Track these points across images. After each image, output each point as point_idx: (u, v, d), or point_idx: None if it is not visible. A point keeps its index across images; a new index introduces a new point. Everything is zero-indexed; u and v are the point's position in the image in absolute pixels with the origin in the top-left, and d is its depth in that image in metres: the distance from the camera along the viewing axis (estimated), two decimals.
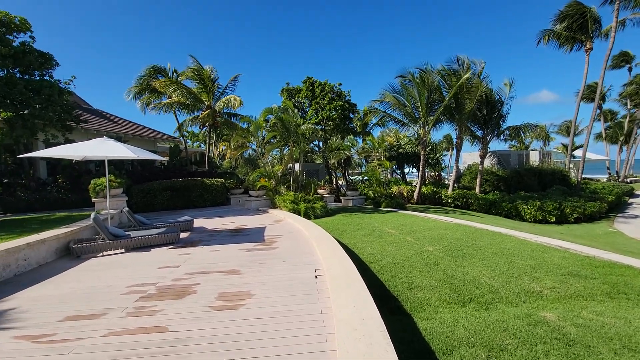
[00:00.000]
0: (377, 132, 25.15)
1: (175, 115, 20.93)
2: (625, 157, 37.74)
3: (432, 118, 16.25)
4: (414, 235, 8.21)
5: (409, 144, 23.14)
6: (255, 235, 8.00)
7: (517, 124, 21.56)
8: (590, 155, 41.16)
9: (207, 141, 20.38)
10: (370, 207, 15.13)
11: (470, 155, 27.77)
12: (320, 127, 18.28)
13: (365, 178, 20.10)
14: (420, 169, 17.35)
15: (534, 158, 28.52)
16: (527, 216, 18.09)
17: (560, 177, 24.81)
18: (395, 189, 18.55)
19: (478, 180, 20.59)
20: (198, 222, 10.22)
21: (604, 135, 45.59)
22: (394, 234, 8.52)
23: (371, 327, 2.77)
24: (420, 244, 7.37)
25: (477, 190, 20.57)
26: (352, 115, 18.91)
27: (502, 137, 21.91)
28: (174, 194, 14.45)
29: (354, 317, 2.97)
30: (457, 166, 19.94)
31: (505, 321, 3.67)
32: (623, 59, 37.64)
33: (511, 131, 21.75)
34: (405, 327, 3.70)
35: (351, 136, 20.68)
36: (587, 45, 23.66)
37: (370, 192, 16.68)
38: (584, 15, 23.53)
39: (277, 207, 13.52)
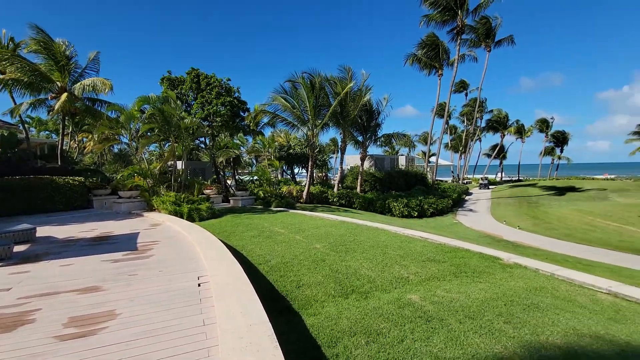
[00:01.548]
0: (268, 132, 25.12)
1: (12, 96, 16.35)
2: (463, 163, 47.64)
3: (320, 122, 17.13)
4: (302, 234, 8.44)
5: (299, 145, 23.88)
6: (124, 243, 6.86)
7: (390, 132, 24.74)
8: (441, 161, 50.59)
9: (61, 131, 16.62)
10: (260, 207, 14.94)
11: (352, 158, 30.48)
12: (207, 123, 17.12)
13: (256, 178, 19.81)
14: (309, 169, 18.08)
15: (402, 162, 33.31)
16: (397, 212, 20.92)
17: (421, 178, 29.61)
18: (285, 188, 18.84)
19: (359, 180, 22.73)
20: (45, 231, 8.19)
21: (449, 145, 56.61)
22: (283, 233, 8.58)
23: (259, 333, 2.64)
24: (309, 241, 7.62)
25: (358, 189, 22.69)
26: (242, 114, 18.33)
27: (378, 142, 24.79)
28: (7, 196, 11.27)
29: (240, 324, 2.80)
30: (341, 168, 21.54)
31: (381, 307, 4.07)
32: (462, 86, 47.66)
33: (385, 138, 24.81)
34: (294, 326, 3.71)
35: (241, 134, 20.08)
36: (439, 72, 28.87)
37: (261, 192, 16.50)
38: (438, 46, 28.75)
39: (154, 210, 12.00)
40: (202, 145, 20.07)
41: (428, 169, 36.52)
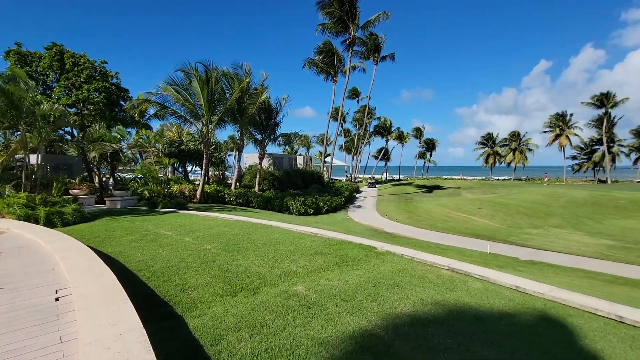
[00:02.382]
0: (156, 125, 22.74)
1: None
2: (355, 164, 52.15)
3: (216, 117, 16.43)
4: (192, 235, 8.03)
5: (192, 141, 22.38)
6: None
7: (289, 132, 25.35)
8: (336, 161, 54.26)
9: None
10: (145, 208, 13.50)
11: (251, 156, 30.10)
12: (75, 111, 14.53)
13: (140, 176, 17.74)
14: (203, 167, 17.17)
15: (300, 161, 34.49)
16: (294, 210, 21.61)
17: (317, 177, 31.23)
18: (176, 188, 17.44)
19: (257, 179, 22.64)
20: None
21: (344, 146, 61.13)
22: (170, 235, 8.00)
23: (130, 341, 2.49)
24: (199, 243, 7.31)
25: (257, 188, 22.58)
26: (123, 102, 16.17)
27: (277, 141, 25.12)
28: None
29: (108, 335, 2.58)
30: (239, 166, 21.09)
31: (268, 301, 4.25)
32: (354, 93, 52.07)
33: (284, 137, 25.31)
34: (177, 330, 3.58)
35: (120, 127, 17.66)
36: (334, 78, 30.90)
37: (146, 192, 14.90)
38: (333, 54, 30.76)
39: None
40: (68, 137, 16.92)
41: (324, 169, 38.73)
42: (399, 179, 62.41)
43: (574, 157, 62.76)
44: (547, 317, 3.89)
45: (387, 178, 64.65)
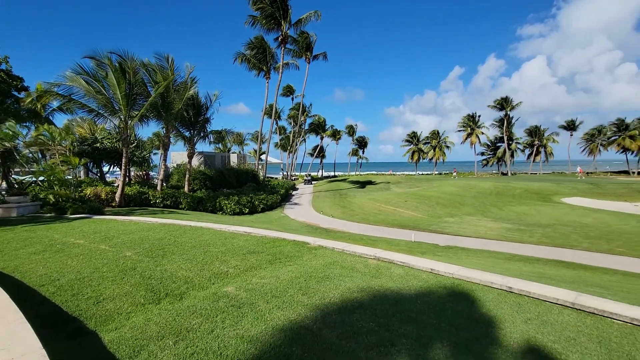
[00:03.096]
0: (63, 120, 19.91)
1: None
2: (291, 161, 52.30)
3: (137, 113, 15.03)
4: (109, 242, 7.29)
5: (109, 139, 20.17)
6: None
7: (221, 129, 24.36)
8: (272, 159, 53.78)
9: None
10: (50, 215, 11.82)
11: (180, 155, 28.26)
12: None
13: (42, 178, 15.43)
14: (123, 167, 15.61)
15: (234, 159, 33.42)
16: (228, 210, 20.92)
17: (252, 176, 30.62)
18: (89, 190, 15.58)
19: (187, 179, 21.35)
20: None
21: (279, 144, 60.83)
22: (82, 244, 7.15)
23: None
24: (117, 250, 6.67)
25: (186, 188, 21.30)
26: (16, 94, 13.86)
27: (208, 139, 23.96)
28: None
29: None
30: (165, 165, 19.67)
31: (195, 305, 4.08)
32: (288, 90, 52.08)
33: (216, 135, 24.26)
34: (89, 347, 3.24)
35: (12, 122, 15.00)
36: (267, 74, 30.53)
37: (51, 196, 13.04)
38: (266, 50, 30.33)
39: None
40: None
41: (260, 167, 38.13)
42: (334, 176, 64.39)
43: (482, 153, 71.61)
44: (454, 293, 4.43)
45: (323, 175, 66.21)
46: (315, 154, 64.64)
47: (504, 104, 63.41)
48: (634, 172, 61.74)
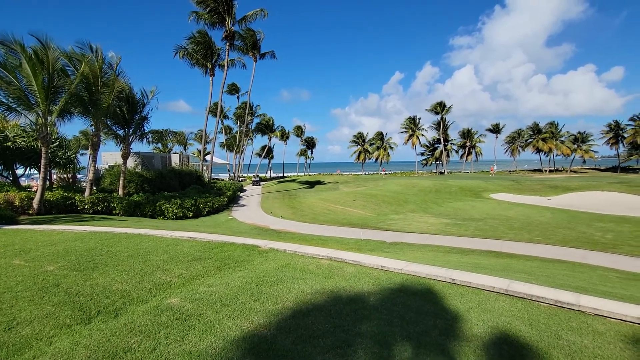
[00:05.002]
0: None
1: None
2: (237, 162, 50.76)
3: (57, 107, 13.33)
4: (26, 256, 6.32)
5: (24, 137, 17.65)
6: None
7: (161, 128, 22.73)
8: (217, 160, 51.70)
9: None
10: None
11: (112, 155, 25.82)
12: None
13: None
14: (42, 169, 13.73)
15: (176, 160, 31.43)
16: (170, 214, 19.59)
17: (197, 177, 29.08)
18: None
19: (121, 182, 19.55)
20: None
21: (225, 144, 58.70)
22: None
23: None
24: (36, 265, 5.80)
25: (121, 192, 19.50)
26: None
27: (146, 139, 22.19)
28: None
29: None
30: (94, 167, 17.78)
31: (134, 321, 3.68)
32: (234, 88, 50.51)
33: (155, 134, 22.56)
34: None
35: None
36: (212, 71, 29.26)
37: None
38: (210, 46, 29.01)
39: None
40: None
41: (204, 168, 36.39)
42: (283, 176, 63.95)
43: (422, 154, 76.54)
44: (404, 288, 4.60)
45: (272, 175, 65.38)
46: (263, 154, 63.54)
47: (439, 108, 68.53)
48: (545, 170, 70.90)
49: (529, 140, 71.78)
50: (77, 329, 3.60)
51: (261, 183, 46.47)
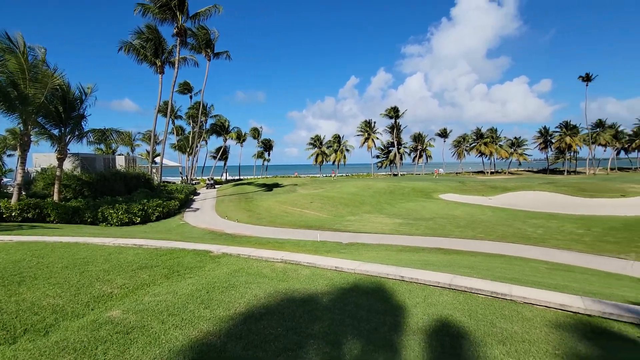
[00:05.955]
0: None
1: None
2: (190, 164, 48.60)
3: None
4: None
5: None
6: None
7: (103, 127, 21.07)
8: (168, 162, 49.11)
9: None
10: None
11: (46, 157, 23.43)
12: None
13: None
14: None
15: (121, 162, 29.29)
16: (114, 220, 18.21)
17: (145, 180, 27.35)
18: None
19: (56, 186, 17.78)
20: None
21: (177, 145, 55.92)
22: None
23: None
24: None
25: (56, 197, 17.74)
26: None
27: (86, 139, 20.44)
28: None
29: None
30: (23, 169, 16.00)
31: (67, 338, 3.37)
32: (186, 88, 48.39)
33: (96, 134, 20.86)
34: None
35: None
36: (161, 69, 27.79)
37: None
38: (160, 42, 27.51)
39: None
40: None
41: (154, 170, 34.37)
42: (240, 179, 62.44)
43: (377, 156, 79.20)
44: (356, 288, 4.72)
45: (227, 178, 63.49)
46: (218, 156, 61.49)
47: (393, 112, 71.55)
48: (487, 172, 77.06)
49: (473, 145, 77.63)
50: (0, 350, 3.21)
51: (216, 186, 44.92)
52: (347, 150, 73.66)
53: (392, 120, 72.53)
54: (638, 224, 18.53)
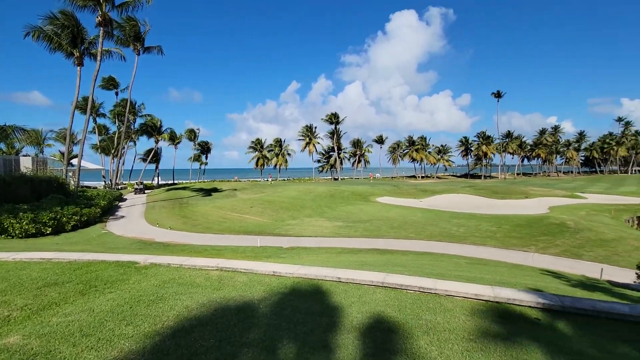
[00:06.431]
0: None
1: None
2: (115, 167, 44.12)
3: None
4: None
5: None
6: None
7: (4, 124, 18.16)
8: (88, 164, 43.96)
9: None
10: None
11: None
12: None
13: None
14: None
15: (27, 164, 25.40)
16: (17, 232, 15.76)
17: (58, 185, 24.09)
18: None
19: None
20: None
21: (99, 146, 50.40)
22: None
23: None
24: None
25: None
26: None
27: None
28: None
29: None
30: None
31: None
32: (112, 83, 44.00)
33: None
34: None
35: None
36: (79, 61, 24.89)
37: None
38: (79, 31, 24.59)
39: None
40: None
41: (70, 174, 30.48)
42: (174, 184, 58.41)
43: (318, 161, 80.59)
44: (294, 292, 4.72)
45: (160, 183, 58.96)
46: (149, 159, 56.79)
47: (333, 118, 73.64)
48: (419, 177, 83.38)
49: (406, 151, 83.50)
50: None
51: (146, 191, 41.39)
52: (289, 154, 73.68)
53: (333, 126, 74.58)
54: (537, 221, 21.64)
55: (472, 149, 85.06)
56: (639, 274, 9.48)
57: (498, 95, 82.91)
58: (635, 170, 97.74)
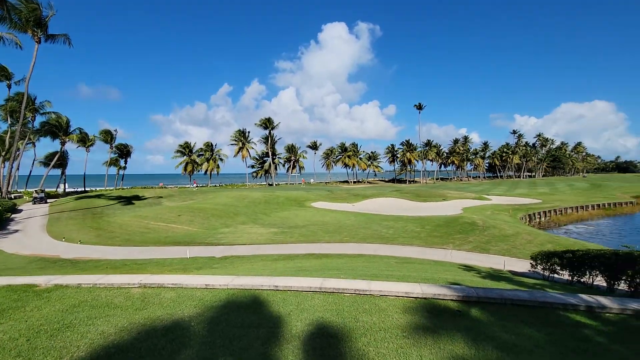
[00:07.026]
0: None
1: None
2: (8, 172, 37.24)
3: None
4: None
5: None
6: None
7: None
8: None
9: None
10: None
11: None
12: None
13: None
14: None
15: None
16: None
17: None
18: None
19: None
20: None
21: None
22: None
23: None
24: None
25: None
26: None
27: None
28: None
29: None
30: None
31: None
32: (3, 73, 37.28)
33: None
34: None
35: None
36: None
37: None
38: None
39: None
40: None
41: None
42: (85, 191, 51.47)
43: (252, 166, 78.83)
44: (229, 304, 4.46)
45: (67, 190, 51.44)
46: (52, 163, 49.16)
47: (267, 123, 72.87)
48: (351, 182, 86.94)
49: (339, 157, 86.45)
50: None
51: (48, 200, 35.69)
52: (221, 159, 70.62)
53: (267, 131, 73.71)
54: (454, 221, 24.16)
55: (398, 155, 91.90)
56: (532, 264, 11.15)
57: (419, 107, 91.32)
58: (525, 175, 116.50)
